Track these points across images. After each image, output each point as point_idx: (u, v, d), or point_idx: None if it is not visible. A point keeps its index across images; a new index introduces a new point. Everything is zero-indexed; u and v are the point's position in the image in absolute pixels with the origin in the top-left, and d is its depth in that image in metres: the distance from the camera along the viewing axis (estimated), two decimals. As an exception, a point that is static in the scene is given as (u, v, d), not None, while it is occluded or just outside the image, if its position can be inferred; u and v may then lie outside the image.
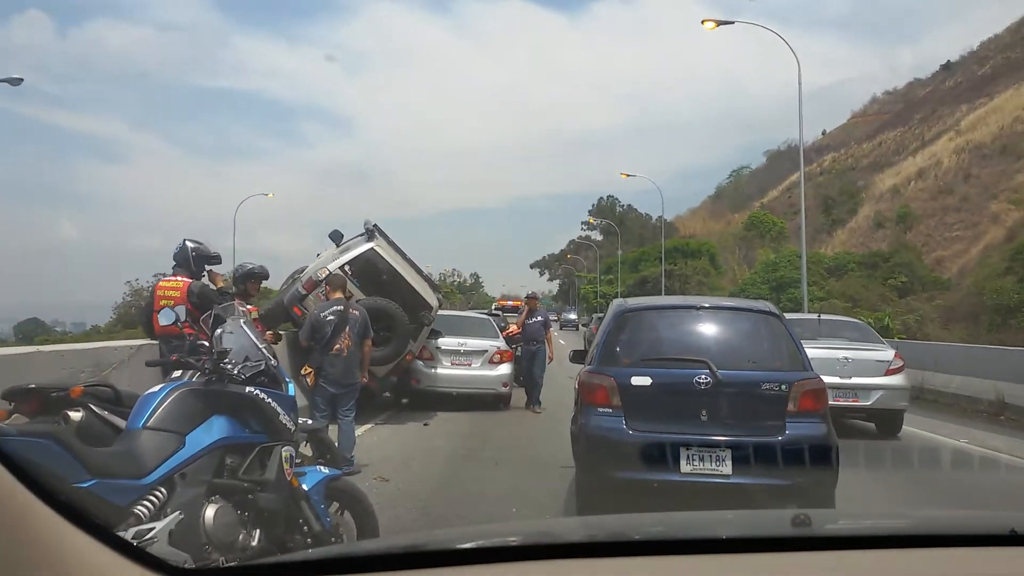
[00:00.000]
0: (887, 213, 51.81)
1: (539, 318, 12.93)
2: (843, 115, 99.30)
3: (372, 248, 10.48)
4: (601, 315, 36.55)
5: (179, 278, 7.06)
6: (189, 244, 7.21)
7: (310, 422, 4.91)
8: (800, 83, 20.72)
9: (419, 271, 11.33)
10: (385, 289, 10.42)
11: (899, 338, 23.64)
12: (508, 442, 9.67)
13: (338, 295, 7.76)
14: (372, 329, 10.31)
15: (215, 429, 3.32)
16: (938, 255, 44.49)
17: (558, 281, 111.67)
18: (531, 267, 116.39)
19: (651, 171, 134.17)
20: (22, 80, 22.97)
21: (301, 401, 8.54)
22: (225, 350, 3.50)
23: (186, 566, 1.86)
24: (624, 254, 71.12)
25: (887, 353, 10.55)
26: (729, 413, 5.64)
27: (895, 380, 10.14)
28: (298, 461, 3.80)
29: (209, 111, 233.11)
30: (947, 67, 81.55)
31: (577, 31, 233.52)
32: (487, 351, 12.25)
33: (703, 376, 5.56)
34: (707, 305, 6.71)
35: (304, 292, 9.94)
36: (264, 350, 3.72)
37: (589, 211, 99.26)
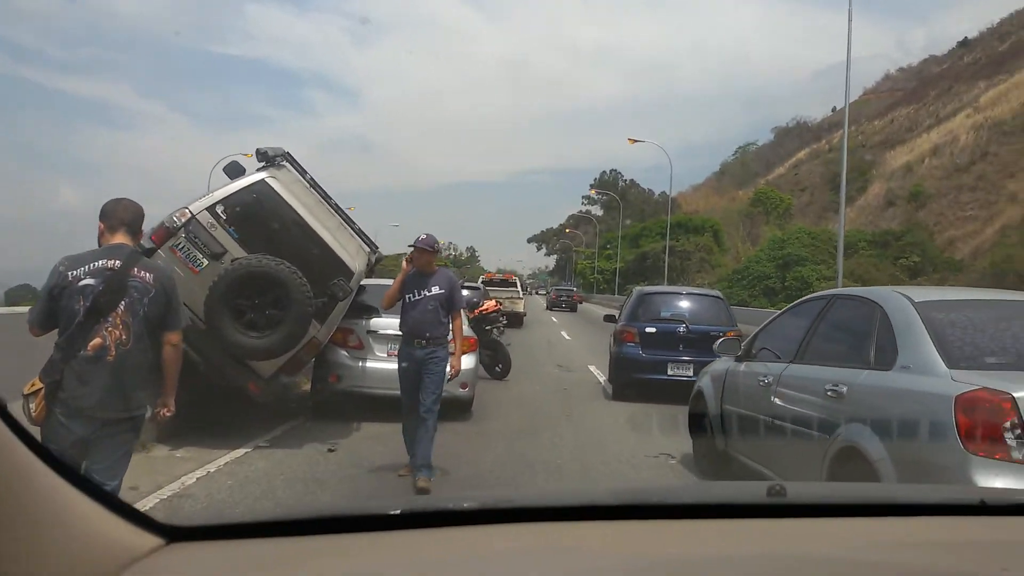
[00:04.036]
0: (899, 191, 49.57)
1: (438, 291, 6.05)
2: (855, 92, 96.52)
3: (263, 180, 7.16)
4: (558, 285, 61.55)
5: None
6: None
7: None
8: (851, 17, 18.99)
9: (346, 219, 8.24)
10: (282, 244, 7.03)
11: None
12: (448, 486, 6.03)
13: (119, 239, 3.67)
14: (249, 304, 6.82)
15: None
16: (950, 235, 42.33)
17: (555, 256, 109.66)
18: (528, 241, 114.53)
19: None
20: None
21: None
22: None
23: (175, 523, 1.30)
24: (625, 228, 68.89)
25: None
26: (693, 346, 10.73)
27: None
28: None
29: (217, 78, 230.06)
30: (964, 43, 78.75)
31: (588, 4, 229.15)
32: None
33: (682, 328, 11.04)
34: (686, 292, 12.82)
35: (152, 245, 6.64)
36: None
37: (591, 184, 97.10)
